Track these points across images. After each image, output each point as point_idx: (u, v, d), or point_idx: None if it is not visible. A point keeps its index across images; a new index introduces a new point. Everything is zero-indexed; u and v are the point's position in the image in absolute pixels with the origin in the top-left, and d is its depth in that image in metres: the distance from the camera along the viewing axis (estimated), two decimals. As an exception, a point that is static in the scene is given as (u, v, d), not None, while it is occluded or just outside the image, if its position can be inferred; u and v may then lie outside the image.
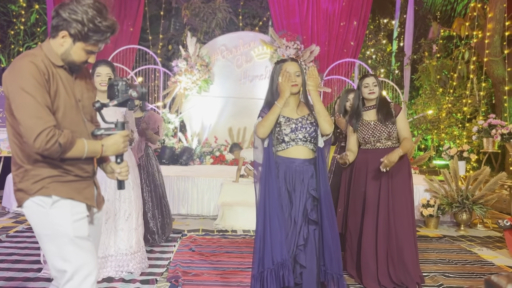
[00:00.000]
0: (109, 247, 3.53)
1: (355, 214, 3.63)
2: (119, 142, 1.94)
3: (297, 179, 2.67)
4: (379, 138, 3.56)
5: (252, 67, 9.20)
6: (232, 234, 5.20)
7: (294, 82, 2.72)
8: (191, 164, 8.17)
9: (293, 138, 2.69)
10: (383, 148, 3.57)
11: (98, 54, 4.83)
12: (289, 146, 2.71)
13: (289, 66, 2.74)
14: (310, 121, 2.73)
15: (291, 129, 2.69)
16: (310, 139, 2.71)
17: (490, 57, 8.34)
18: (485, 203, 5.63)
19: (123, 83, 1.93)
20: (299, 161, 2.69)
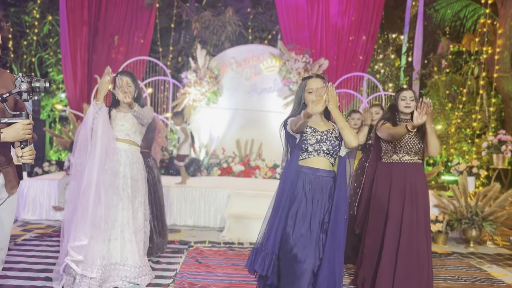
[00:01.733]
0: (115, 254, 3.52)
1: (375, 229, 3.59)
2: (19, 129, 2.16)
3: (317, 189, 2.69)
4: (410, 150, 3.52)
5: (260, 79, 9.24)
6: (239, 246, 5.17)
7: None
8: (198, 175, 8.18)
9: (316, 149, 2.71)
10: (409, 162, 3.53)
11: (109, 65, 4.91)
12: (311, 156, 2.73)
13: (313, 83, 2.77)
14: (335, 135, 2.76)
15: (317, 140, 2.71)
16: (332, 152, 2.74)
17: (500, 73, 8.33)
18: (495, 219, 5.56)
19: (19, 78, 2.17)
20: (321, 171, 2.71)
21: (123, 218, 3.57)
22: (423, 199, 3.52)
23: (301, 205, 2.66)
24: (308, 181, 2.69)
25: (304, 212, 2.65)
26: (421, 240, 3.44)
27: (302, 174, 2.70)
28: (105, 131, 3.50)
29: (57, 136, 8.35)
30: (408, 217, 3.46)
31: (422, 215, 3.49)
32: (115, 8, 9.48)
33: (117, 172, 3.57)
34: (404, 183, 3.48)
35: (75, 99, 9.05)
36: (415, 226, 3.45)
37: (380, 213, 3.57)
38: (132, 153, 3.69)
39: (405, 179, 3.48)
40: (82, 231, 3.32)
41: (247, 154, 8.91)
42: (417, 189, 3.48)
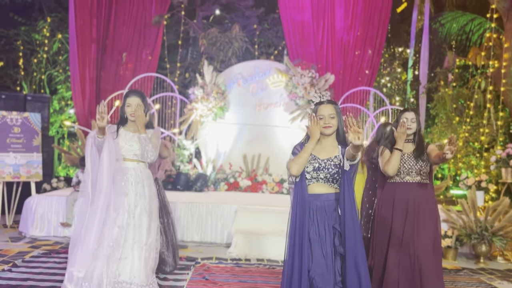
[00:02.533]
0: (124, 273, 3.52)
1: (381, 248, 3.57)
2: None
3: (320, 214, 2.73)
4: (409, 171, 3.53)
5: (267, 95, 9.29)
6: (246, 262, 5.15)
7: (328, 124, 2.79)
8: (205, 190, 8.19)
9: (314, 177, 2.76)
10: (411, 182, 3.52)
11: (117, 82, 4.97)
12: (311, 182, 2.78)
13: (324, 109, 2.82)
14: (335, 162, 2.77)
15: (314, 168, 2.76)
16: (331, 179, 2.77)
17: (507, 86, 8.30)
18: (505, 234, 5.50)
19: None
20: (324, 196, 2.76)
21: (134, 236, 3.57)
22: (428, 216, 3.47)
23: (311, 232, 2.69)
24: (313, 208, 2.74)
25: (315, 239, 2.68)
26: (426, 258, 3.38)
27: (307, 202, 2.75)
28: (112, 152, 3.52)
29: (65, 152, 8.42)
30: (408, 235, 3.42)
31: (426, 232, 3.43)
32: (123, 26, 9.62)
33: (127, 192, 3.58)
34: (407, 201, 3.46)
35: (83, 116, 9.14)
36: (416, 245, 3.40)
37: (384, 232, 3.56)
38: (141, 171, 3.70)
39: (408, 197, 3.47)
40: (85, 258, 3.34)
41: (254, 169, 8.91)
42: (420, 207, 3.46)
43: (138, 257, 3.56)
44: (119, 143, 3.62)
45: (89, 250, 3.37)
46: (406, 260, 3.40)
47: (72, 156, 8.09)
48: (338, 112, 2.83)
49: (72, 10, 8.97)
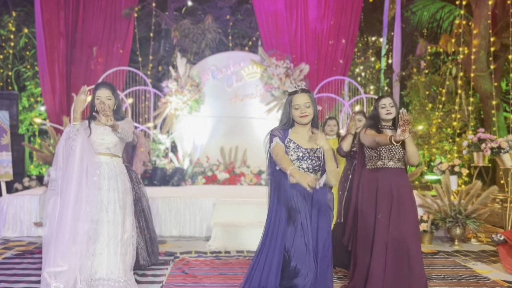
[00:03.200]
0: (101, 269, 3.45)
1: (366, 233, 3.59)
2: None
3: (300, 202, 2.72)
4: (393, 157, 3.56)
5: (242, 86, 9.24)
6: (226, 255, 5.13)
7: (304, 113, 2.79)
8: (183, 184, 8.12)
9: (296, 166, 2.75)
10: (393, 168, 3.56)
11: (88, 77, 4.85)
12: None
13: (298, 98, 2.81)
14: (317, 155, 2.79)
15: (298, 157, 2.75)
16: (312, 170, 2.77)
17: (477, 72, 8.47)
18: (478, 217, 5.63)
19: None
20: (300, 186, 2.71)
21: (109, 231, 3.50)
22: (409, 202, 3.54)
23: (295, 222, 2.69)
24: (294, 197, 2.73)
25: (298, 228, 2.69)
26: (410, 242, 3.44)
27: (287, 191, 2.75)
28: (85, 147, 3.44)
29: (37, 150, 8.20)
30: (394, 220, 3.47)
31: (410, 217, 3.50)
32: (93, 19, 9.39)
33: (100, 186, 3.50)
34: (390, 187, 3.51)
35: (54, 112, 8.91)
36: (400, 228, 3.46)
37: (369, 216, 3.59)
38: (115, 165, 3.62)
39: (391, 184, 3.52)
40: (60, 255, 3.25)
41: (232, 161, 8.88)
42: (403, 192, 3.52)
43: (114, 253, 3.49)
44: (91, 137, 3.54)
45: (64, 246, 3.28)
46: (394, 244, 3.44)
47: (44, 154, 7.88)
48: (313, 100, 2.83)
49: (38, 3, 8.70)
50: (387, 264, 3.45)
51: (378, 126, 3.62)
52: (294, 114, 2.81)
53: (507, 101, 9.59)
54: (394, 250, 3.45)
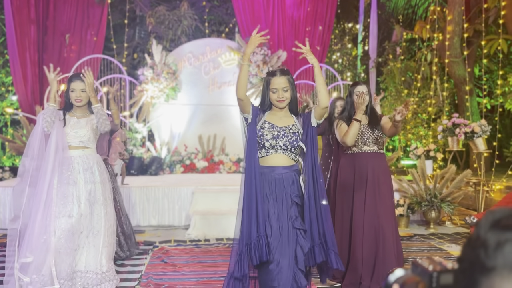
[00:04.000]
0: (80, 262, 3.41)
1: (343, 218, 3.65)
2: None
3: (278, 186, 2.67)
4: (366, 141, 3.61)
5: (220, 73, 9.17)
6: (205, 243, 5.12)
7: (282, 98, 2.72)
8: (160, 173, 8.05)
9: (273, 145, 2.69)
10: (369, 152, 3.61)
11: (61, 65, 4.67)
12: (269, 153, 2.71)
13: (277, 82, 2.73)
14: (293, 131, 2.74)
15: (273, 135, 2.69)
16: (290, 148, 2.71)
17: (451, 58, 8.59)
18: (452, 200, 5.76)
19: None
20: (278, 169, 2.69)
21: (88, 224, 3.44)
22: (386, 185, 3.60)
23: (267, 206, 2.64)
24: (268, 181, 2.68)
25: (271, 213, 2.64)
26: (386, 225, 3.51)
27: (263, 175, 2.69)
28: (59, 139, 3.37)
29: (9, 141, 8.00)
30: (370, 203, 3.53)
31: (386, 200, 3.56)
32: (65, 6, 9.14)
33: (76, 181, 3.44)
34: (367, 171, 3.57)
35: (26, 102, 8.69)
36: (376, 212, 3.51)
37: (346, 203, 3.64)
38: (88, 157, 3.55)
39: (367, 167, 3.58)
40: (29, 247, 3.20)
41: (210, 149, 8.84)
42: (379, 175, 3.57)
43: (93, 245, 3.45)
44: (65, 129, 3.47)
45: (34, 241, 3.22)
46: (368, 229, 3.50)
47: (17, 145, 7.69)
48: (291, 83, 2.76)
49: (7, -11, 8.41)
50: (364, 247, 3.51)
51: (351, 114, 3.64)
52: (271, 97, 2.75)
53: (480, 86, 9.78)
54: (370, 233, 3.51)
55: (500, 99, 8.00)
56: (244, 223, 2.68)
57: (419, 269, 0.67)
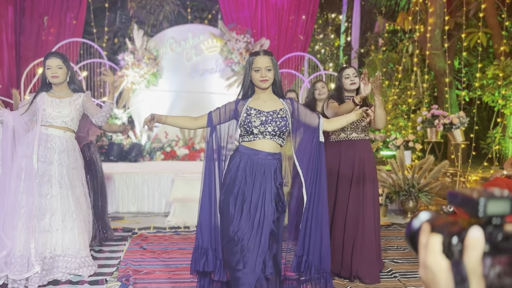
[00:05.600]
0: (57, 246, 3.37)
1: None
2: None
3: (258, 171, 2.62)
4: (356, 127, 3.58)
5: (202, 60, 9.08)
6: (185, 230, 5.11)
7: (265, 78, 2.66)
8: (140, 160, 7.97)
9: (262, 131, 2.64)
10: (356, 139, 3.58)
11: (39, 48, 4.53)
12: (256, 138, 2.65)
13: (260, 61, 2.67)
14: (281, 115, 2.68)
15: (261, 121, 2.63)
16: (279, 133, 2.67)
17: (432, 50, 8.69)
18: (430, 190, 5.85)
19: None
20: (263, 153, 2.64)
21: (63, 207, 3.40)
22: (370, 173, 3.60)
23: (241, 188, 2.60)
24: (250, 163, 2.63)
25: (247, 195, 2.59)
26: (369, 213, 3.54)
27: (244, 155, 2.65)
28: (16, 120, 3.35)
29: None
30: (355, 191, 3.54)
31: (370, 188, 3.57)
32: (43, -13, 8.89)
33: (51, 161, 3.39)
34: (353, 158, 3.55)
35: (3, 84, 8.46)
36: (361, 200, 3.54)
37: (330, 190, 3.62)
38: (67, 140, 3.50)
39: (354, 155, 3.56)
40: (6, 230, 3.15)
41: (191, 137, 8.78)
42: (365, 163, 3.56)
43: (70, 228, 3.41)
44: (46, 109, 3.40)
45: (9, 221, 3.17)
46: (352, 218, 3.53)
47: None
48: (274, 63, 2.71)
49: (-18, -33, 8.13)
50: (345, 236, 3.54)
51: (342, 97, 3.63)
52: (254, 77, 2.68)
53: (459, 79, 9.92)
54: (352, 223, 3.54)
55: (478, 91, 8.13)
56: (202, 219, 2.78)
57: (459, 199, 0.55)
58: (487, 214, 0.52)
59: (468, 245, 0.51)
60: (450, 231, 0.53)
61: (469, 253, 0.51)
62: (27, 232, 3.21)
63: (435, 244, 0.54)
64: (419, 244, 0.57)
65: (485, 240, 0.51)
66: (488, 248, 0.51)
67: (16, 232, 3.19)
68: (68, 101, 3.50)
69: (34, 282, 3.19)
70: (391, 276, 3.62)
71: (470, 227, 0.52)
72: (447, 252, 0.53)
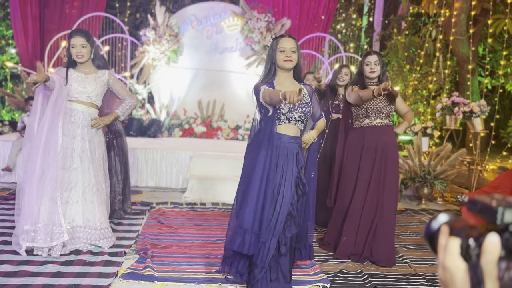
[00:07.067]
0: (77, 217, 3.50)
1: (346, 190, 3.69)
2: None
3: (281, 154, 2.69)
4: (381, 113, 3.58)
5: (222, 38, 9.07)
6: (201, 207, 5.23)
7: (289, 58, 2.73)
8: (159, 136, 8.10)
9: (288, 118, 2.70)
10: (380, 125, 3.59)
11: (63, 21, 4.52)
12: (281, 123, 2.72)
13: (285, 42, 2.75)
14: (305, 101, 2.76)
15: (289, 108, 2.69)
16: (304, 119, 2.75)
17: (456, 35, 8.51)
18: (445, 178, 5.85)
19: None
20: (285, 137, 2.72)
21: (84, 180, 3.53)
22: (392, 158, 3.61)
23: (271, 174, 2.66)
24: (274, 146, 2.68)
25: (274, 180, 2.67)
26: (388, 198, 3.57)
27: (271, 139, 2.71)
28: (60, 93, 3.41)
29: (9, 95, 7.99)
30: (376, 176, 3.57)
31: (392, 174, 3.60)
32: (68, -40, 8.93)
33: (74, 135, 3.50)
34: (376, 144, 3.57)
35: (27, 56, 8.62)
36: (381, 184, 3.57)
37: (351, 175, 3.66)
38: (90, 115, 3.61)
39: (377, 140, 3.57)
40: (34, 207, 3.28)
41: (209, 115, 8.86)
42: (388, 149, 3.58)
43: (91, 201, 3.54)
44: (72, 85, 3.51)
45: (35, 195, 3.30)
46: (370, 203, 3.57)
47: (17, 99, 7.69)
48: (298, 47, 2.79)
49: None
50: (361, 220, 3.59)
51: (363, 83, 3.63)
52: (279, 57, 2.74)
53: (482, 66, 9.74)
54: (371, 208, 3.58)
55: (502, 79, 7.99)
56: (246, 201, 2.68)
57: (478, 206, 0.58)
58: (504, 222, 0.54)
59: (485, 250, 0.54)
60: (468, 235, 0.56)
61: (486, 257, 0.54)
62: (51, 202, 3.35)
63: (454, 247, 0.57)
64: (438, 246, 0.60)
65: (502, 245, 0.54)
66: (504, 253, 0.54)
67: (42, 202, 3.33)
68: (93, 78, 3.60)
69: (57, 250, 3.34)
70: (402, 262, 3.68)
71: (487, 232, 0.55)
72: (465, 255, 0.56)
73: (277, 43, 2.77)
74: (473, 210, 0.59)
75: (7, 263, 3.18)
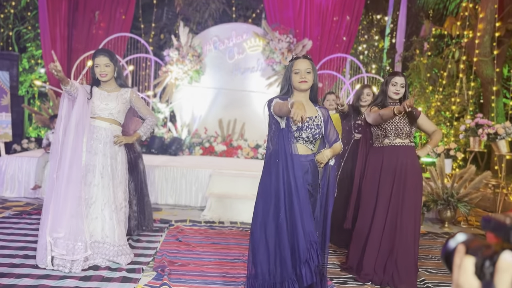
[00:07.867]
0: (96, 233, 3.54)
1: (365, 211, 3.65)
2: None
3: (296, 172, 2.67)
4: (400, 133, 3.55)
5: (244, 59, 9.19)
6: (219, 225, 5.22)
7: (304, 79, 2.74)
8: (180, 154, 8.18)
9: (296, 136, 2.71)
10: (400, 145, 3.55)
11: (90, 42, 4.62)
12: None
13: (300, 64, 2.76)
14: (316, 123, 2.76)
15: (298, 127, 2.69)
16: (312, 140, 2.74)
17: (480, 57, 8.43)
18: (469, 201, 5.71)
19: None
20: (300, 157, 2.71)
21: (104, 196, 3.58)
22: (413, 179, 3.54)
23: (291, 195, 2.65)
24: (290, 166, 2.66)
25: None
26: (408, 220, 3.50)
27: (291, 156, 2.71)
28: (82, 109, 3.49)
29: (36, 112, 8.21)
30: (395, 197, 3.51)
31: (412, 195, 3.52)
32: (96, -17, 9.25)
33: (96, 151, 3.57)
34: (395, 164, 3.52)
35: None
36: (400, 206, 3.50)
37: (370, 197, 3.62)
38: (113, 132, 3.68)
39: (397, 160, 3.53)
40: (59, 221, 3.34)
41: (230, 134, 8.92)
42: (407, 169, 3.52)
43: (110, 217, 3.58)
44: (95, 102, 3.60)
45: (60, 210, 3.36)
46: (389, 225, 3.51)
47: (43, 117, 7.90)
48: (313, 68, 2.79)
49: (41, -37, 8.54)
50: (382, 242, 3.52)
51: (385, 104, 3.59)
52: (294, 79, 2.76)
53: (507, 87, 9.59)
54: (391, 230, 3.51)
55: (528, 101, 7.83)
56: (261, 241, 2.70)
57: (492, 224, 0.59)
58: None
59: (499, 268, 0.54)
60: (484, 254, 0.57)
61: (500, 275, 0.54)
62: (76, 217, 3.40)
63: (468, 266, 0.57)
64: (454, 264, 0.60)
65: None
66: None
67: (66, 218, 3.38)
68: (116, 95, 3.68)
69: (78, 265, 3.38)
70: (424, 286, 3.59)
71: (502, 251, 0.55)
72: (479, 273, 0.56)
73: (292, 65, 2.79)
74: (487, 228, 0.60)
75: (27, 276, 3.23)
